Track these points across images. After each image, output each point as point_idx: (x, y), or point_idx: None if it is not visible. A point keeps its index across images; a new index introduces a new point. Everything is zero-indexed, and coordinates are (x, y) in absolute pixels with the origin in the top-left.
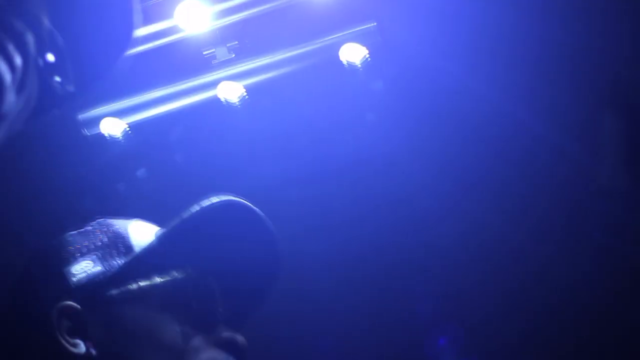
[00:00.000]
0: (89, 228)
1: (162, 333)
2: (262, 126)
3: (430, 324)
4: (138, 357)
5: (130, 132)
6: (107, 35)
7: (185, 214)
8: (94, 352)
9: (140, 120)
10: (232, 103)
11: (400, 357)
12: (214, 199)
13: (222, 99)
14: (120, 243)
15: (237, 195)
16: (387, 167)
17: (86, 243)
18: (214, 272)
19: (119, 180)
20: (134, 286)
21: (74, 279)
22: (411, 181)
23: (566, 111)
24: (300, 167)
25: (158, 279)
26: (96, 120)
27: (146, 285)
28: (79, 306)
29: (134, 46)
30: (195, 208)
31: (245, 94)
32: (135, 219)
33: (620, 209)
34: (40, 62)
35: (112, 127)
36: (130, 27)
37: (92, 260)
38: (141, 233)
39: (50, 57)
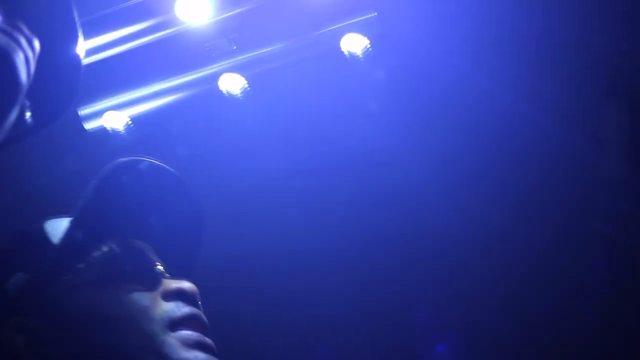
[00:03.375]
0: (6, 245)
1: (112, 306)
2: (264, 117)
3: (433, 324)
4: (101, 338)
5: (132, 125)
6: (59, 90)
7: (87, 189)
8: (54, 352)
9: (142, 113)
10: (233, 95)
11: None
12: (109, 166)
13: (224, 91)
14: (41, 244)
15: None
16: (389, 159)
17: (8, 260)
18: (139, 232)
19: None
20: (68, 276)
21: (11, 295)
22: (413, 173)
23: (569, 103)
24: (302, 158)
25: (88, 259)
26: (98, 114)
27: (79, 270)
28: (26, 318)
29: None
30: (93, 182)
31: (246, 85)
32: (49, 217)
33: (624, 201)
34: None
35: (114, 121)
36: (77, 87)
37: (23, 271)
38: (59, 228)
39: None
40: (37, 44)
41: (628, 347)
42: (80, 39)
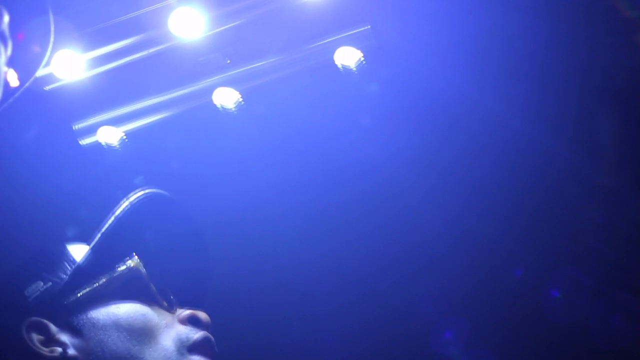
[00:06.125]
0: (27, 257)
1: (132, 318)
2: (259, 131)
3: (433, 322)
4: (119, 345)
5: (126, 140)
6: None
7: (117, 212)
8: (70, 352)
9: (137, 128)
10: (228, 109)
11: (404, 355)
12: (140, 193)
13: (218, 105)
14: (61, 258)
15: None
16: (383, 171)
17: (28, 269)
18: (155, 260)
19: (116, 188)
20: (88, 288)
21: (31, 299)
22: (407, 184)
23: (561, 114)
24: (297, 172)
25: (109, 275)
26: (92, 129)
27: (101, 283)
28: (43, 319)
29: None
30: (125, 205)
31: (240, 99)
32: (68, 241)
33: (615, 212)
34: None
35: (109, 136)
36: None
37: (42, 280)
38: (79, 250)
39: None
40: (6, 15)
41: (615, 355)
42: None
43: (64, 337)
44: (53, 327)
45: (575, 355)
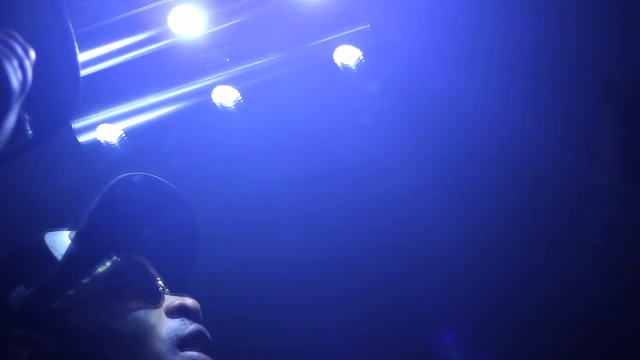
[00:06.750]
0: (6, 258)
1: (119, 323)
2: (258, 130)
3: (431, 322)
4: (108, 353)
5: (125, 138)
6: (58, 101)
7: (91, 206)
8: None
9: (136, 126)
10: (227, 107)
11: (405, 355)
12: (112, 182)
13: (217, 104)
14: (42, 257)
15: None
16: (382, 170)
17: (9, 273)
18: (138, 247)
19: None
20: (72, 291)
21: (15, 307)
22: (406, 183)
23: (562, 113)
24: (296, 170)
25: (93, 274)
26: (92, 127)
27: (84, 285)
28: (30, 331)
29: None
30: (97, 197)
31: (240, 97)
32: (48, 230)
33: (616, 211)
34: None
35: (108, 134)
36: (76, 98)
37: (24, 284)
38: (59, 241)
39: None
40: (32, 52)
41: (617, 356)
42: (77, 50)
43: (52, 350)
44: (40, 339)
45: (576, 354)
